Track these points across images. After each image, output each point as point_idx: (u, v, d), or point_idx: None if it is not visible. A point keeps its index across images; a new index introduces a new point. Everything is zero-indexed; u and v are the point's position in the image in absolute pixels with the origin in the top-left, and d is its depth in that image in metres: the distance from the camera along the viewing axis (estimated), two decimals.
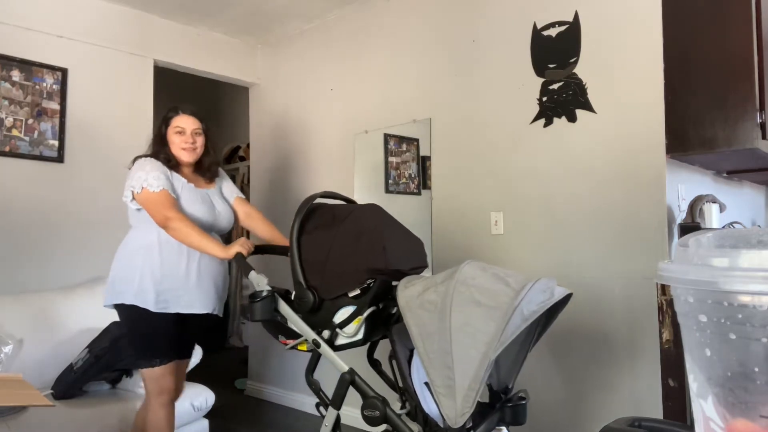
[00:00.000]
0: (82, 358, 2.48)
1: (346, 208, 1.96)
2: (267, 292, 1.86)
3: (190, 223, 2.06)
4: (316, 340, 1.78)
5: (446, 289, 1.51)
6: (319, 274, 1.80)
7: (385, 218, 1.94)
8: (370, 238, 1.79)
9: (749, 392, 0.45)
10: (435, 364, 1.45)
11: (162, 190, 2.08)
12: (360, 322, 1.76)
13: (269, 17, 3.69)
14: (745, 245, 0.48)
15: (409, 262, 1.85)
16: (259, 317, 1.86)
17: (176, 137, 2.22)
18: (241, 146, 5.62)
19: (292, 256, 1.81)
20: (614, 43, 2.38)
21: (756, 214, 3.18)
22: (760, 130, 2.05)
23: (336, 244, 1.80)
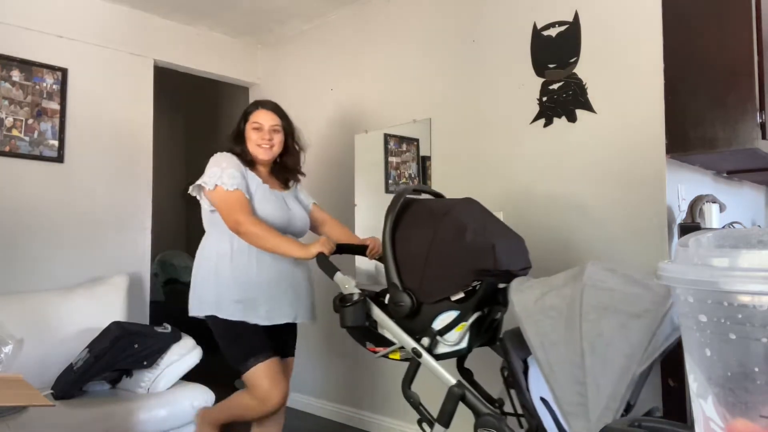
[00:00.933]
0: (82, 358, 2.47)
1: (444, 203, 1.79)
2: (358, 296, 1.71)
3: (264, 226, 1.94)
4: (417, 349, 1.61)
5: (572, 293, 1.34)
6: (417, 275, 1.62)
7: (488, 214, 1.78)
8: (476, 235, 1.60)
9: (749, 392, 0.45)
10: (561, 378, 1.29)
11: (236, 189, 1.98)
12: (464, 329, 1.59)
13: (269, 17, 3.69)
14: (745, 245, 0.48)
15: (519, 262, 1.69)
16: (351, 323, 1.69)
17: (253, 133, 2.13)
18: None
19: (386, 256, 1.65)
20: (614, 43, 2.38)
21: (756, 214, 3.18)
22: (760, 130, 2.05)
23: (436, 242, 1.62)
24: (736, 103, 2.08)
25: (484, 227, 1.66)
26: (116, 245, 3.36)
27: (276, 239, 1.93)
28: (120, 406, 2.40)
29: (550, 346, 1.33)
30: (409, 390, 1.67)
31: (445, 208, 1.71)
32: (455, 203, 1.77)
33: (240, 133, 2.16)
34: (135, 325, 2.71)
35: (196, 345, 2.77)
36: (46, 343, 2.61)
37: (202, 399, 2.63)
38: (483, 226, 1.66)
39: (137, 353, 2.52)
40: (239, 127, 2.18)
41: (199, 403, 2.61)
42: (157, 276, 5.31)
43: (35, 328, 2.61)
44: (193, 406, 2.58)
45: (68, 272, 3.13)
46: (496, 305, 1.67)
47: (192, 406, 2.57)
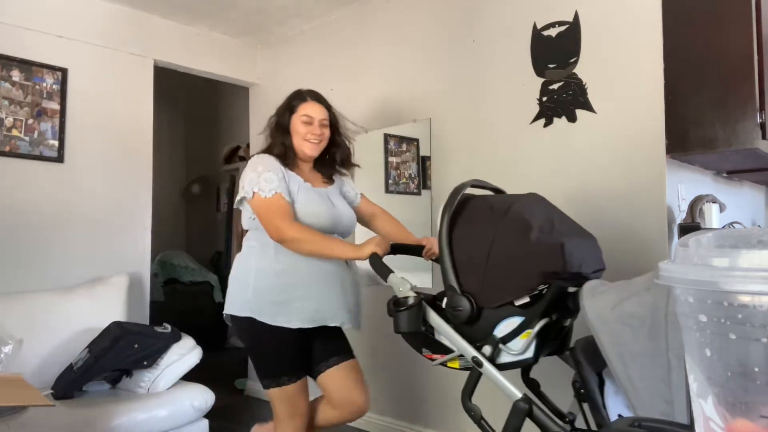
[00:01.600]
0: (82, 358, 2.48)
1: (505, 199, 1.66)
2: (414, 300, 1.58)
3: (308, 230, 1.81)
4: (477, 358, 1.48)
5: (654, 300, 1.20)
6: (477, 277, 1.49)
7: (554, 210, 1.63)
8: (542, 233, 1.48)
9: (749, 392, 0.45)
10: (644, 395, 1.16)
11: (275, 194, 1.83)
12: (529, 337, 1.46)
13: (269, 17, 3.69)
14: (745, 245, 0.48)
15: (591, 264, 1.55)
16: (406, 329, 1.58)
17: (302, 127, 1.96)
18: (241, 146, 5.63)
19: (443, 256, 1.53)
20: (614, 43, 2.38)
21: (756, 214, 3.18)
22: (760, 130, 2.05)
23: (498, 241, 1.49)
24: (736, 103, 2.08)
25: (552, 225, 1.52)
26: (116, 245, 3.36)
27: (323, 242, 1.80)
28: (120, 406, 2.40)
29: (631, 359, 1.20)
30: (470, 402, 1.53)
31: (507, 204, 1.57)
32: (518, 199, 1.62)
33: (285, 126, 1.99)
34: (135, 325, 2.71)
35: (196, 345, 2.77)
36: (46, 343, 2.61)
37: (202, 399, 2.62)
38: (550, 224, 1.52)
39: (137, 353, 2.52)
40: (283, 119, 2.01)
41: (199, 403, 2.61)
42: (157, 276, 5.32)
43: (35, 328, 2.61)
44: (193, 406, 2.58)
45: (68, 272, 3.13)
46: (565, 311, 1.52)
47: (192, 406, 2.57)
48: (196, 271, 5.60)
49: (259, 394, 4.01)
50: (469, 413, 1.53)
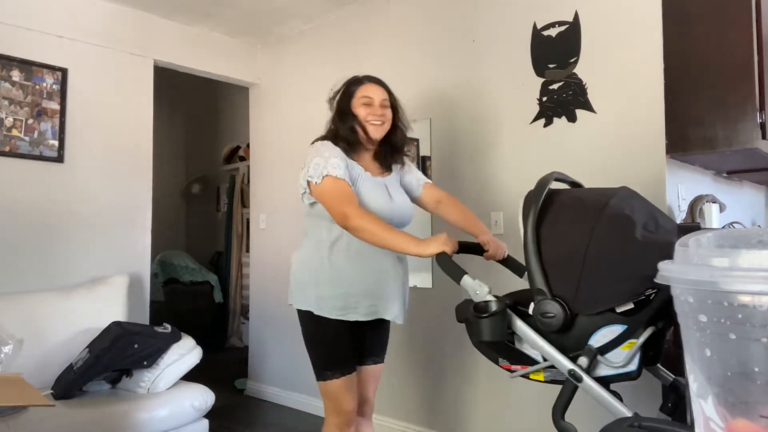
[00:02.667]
0: (82, 358, 2.48)
1: (599, 192, 1.50)
2: (498, 306, 1.43)
3: (374, 219, 1.71)
4: (575, 372, 1.34)
5: None
6: (572, 280, 1.34)
7: (653, 206, 1.47)
8: (648, 232, 1.33)
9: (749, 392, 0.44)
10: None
11: (341, 178, 1.77)
12: (634, 348, 1.32)
13: (269, 17, 3.69)
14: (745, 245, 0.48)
15: None
16: (489, 338, 1.43)
17: (363, 109, 1.89)
18: (241, 146, 5.63)
19: (530, 257, 1.40)
20: (614, 43, 2.38)
21: (756, 214, 3.18)
22: (760, 130, 2.05)
23: (597, 240, 1.34)
24: (736, 103, 2.08)
25: (656, 223, 1.37)
26: (116, 245, 3.36)
27: (388, 233, 1.69)
28: (120, 406, 2.40)
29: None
30: (564, 421, 1.39)
31: (603, 199, 1.42)
32: (613, 193, 1.45)
33: (345, 112, 1.92)
34: (135, 325, 2.71)
35: (196, 345, 2.77)
36: (46, 343, 2.61)
37: (202, 399, 2.62)
38: (654, 222, 1.37)
39: (137, 353, 2.52)
40: (342, 105, 1.95)
41: (199, 403, 2.61)
42: (157, 276, 5.32)
43: (35, 328, 2.61)
44: (193, 406, 2.58)
45: (68, 272, 3.13)
46: (670, 319, 1.37)
47: (192, 406, 2.57)
48: (196, 271, 5.60)
49: (259, 393, 4.01)
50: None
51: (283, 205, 3.93)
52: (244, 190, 5.44)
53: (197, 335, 2.91)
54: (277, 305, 3.89)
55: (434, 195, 2.10)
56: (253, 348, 4.16)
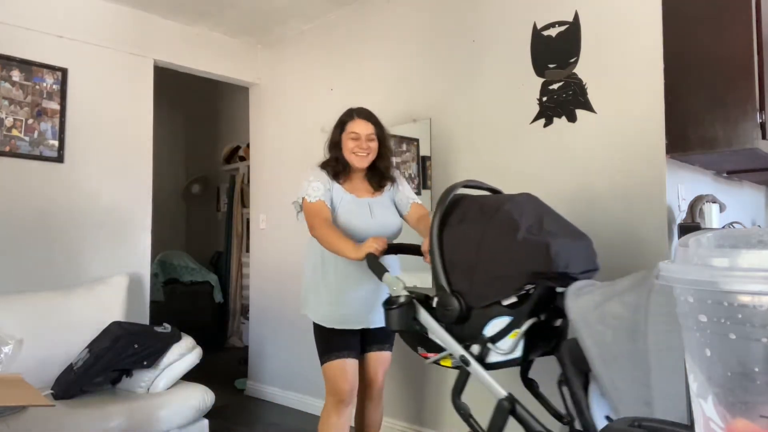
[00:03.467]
0: (82, 358, 2.48)
1: (496, 199, 1.68)
2: (405, 299, 1.64)
3: (330, 229, 2.03)
4: (465, 357, 1.52)
5: (637, 300, 1.19)
6: (467, 277, 1.52)
7: (545, 210, 1.65)
8: (529, 233, 1.49)
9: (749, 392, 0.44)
10: (626, 396, 1.15)
11: (318, 200, 2.12)
12: (517, 336, 1.47)
13: (269, 17, 3.69)
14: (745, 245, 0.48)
15: (579, 265, 1.54)
16: (396, 327, 1.66)
17: (351, 142, 2.20)
18: (241, 146, 5.63)
19: (434, 256, 1.57)
20: (614, 43, 2.38)
21: (756, 214, 3.18)
22: (760, 130, 2.05)
23: (486, 241, 1.51)
24: (736, 103, 2.08)
25: (540, 225, 1.53)
26: (116, 245, 3.36)
27: (335, 240, 1.99)
28: (120, 406, 2.40)
29: (612, 360, 1.18)
30: (459, 400, 1.57)
31: (497, 204, 1.59)
32: (509, 199, 1.64)
33: (337, 142, 2.24)
34: (135, 325, 2.71)
35: (196, 345, 2.77)
36: (46, 343, 2.61)
37: (202, 399, 2.62)
38: (539, 224, 1.53)
39: (137, 353, 2.52)
40: (335, 136, 2.26)
41: (199, 403, 2.61)
42: (157, 276, 5.32)
43: (35, 328, 2.61)
44: (193, 406, 2.58)
45: (68, 272, 3.13)
46: (553, 311, 1.54)
47: (192, 406, 2.57)
48: (196, 271, 5.60)
49: (259, 393, 4.01)
50: (458, 411, 1.56)
51: (283, 205, 3.92)
52: (244, 190, 5.45)
53: (197, 335, 2.91)
54: (277, 305, 3.89)
55: (417, 213, 2.29)
56: (253, 348, 4.16)
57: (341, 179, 2.22)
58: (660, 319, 1.12)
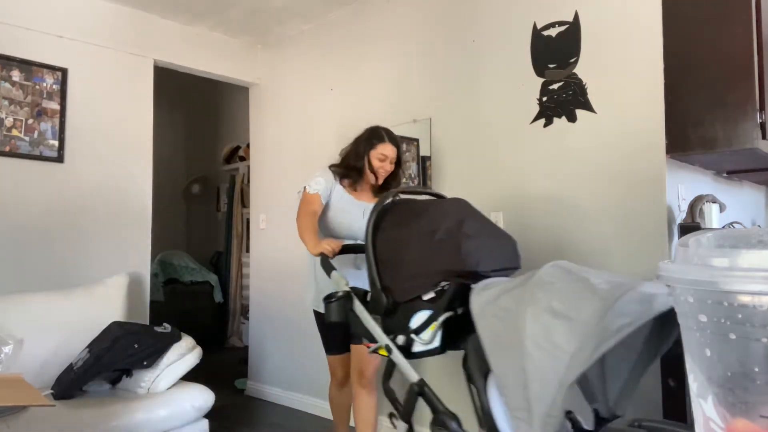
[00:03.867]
0: (82, 358, 2.47)
1: (425, 203, 1.85)
2: (342, 293, 1.83)
3: (306, 221, 2.27)
4: (388, 346, 1.67)
5: (522, 293, 1.30)
6: (393, 274, 1.70)
7: (467, 213, 1.80)
8: (446, 234, 1.65)
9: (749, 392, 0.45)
10: (510, 382, 1.23)
11: (315, 193, 2.36)
12: (435, 328, 1.61)
13: (269, 17, 3.69)
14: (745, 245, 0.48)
15: (490, 264, 1.66)
16: (335, 318, 1.83)
17: (377, 162, 2.39)
18: (241, 146, 5.63)
19: (367, 255, 1.74)
20: (614, 43, 2.38)
21: (756, 214, 3.18)
22: (760, 130, 2.05)
23: (410, 242, 1.69)
24: (736, 103, 2.08)
25: (460, 227, 1.68)
26: (116, 245, 3.36)
27: (305, 231, 2.23)
28: (120, 406, 2.40)
29: (501, 350, 1.28)
30: (388, 384, 1.78)
31: (424, 207, 1.79)
32: (437, 203, 1.86)
33: (360, 156, 2.42)
34: (135, 325, 2.71)
35: (196, 345, 2.77)
36: (46, 343, 2.61)
37: (202, 399, 2.62)
38: (458, 226, 1.68)
39: (137, 353, 2.52)
40: (360, 149, 2.43)
41: (199, 403, 2.61)
42: (157, 276, 5.32)
43: (35, 328, 2.61)
44: (193, 406, 2.58)
45: (68, 272, 3.13)
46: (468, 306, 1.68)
47: (192, 406, 2.57)
48: (196, 271, 5.60)
49: (259, 393, 4.01)
50: (387, 394, 1.77)
51: (283, 205, 3.92)
52: (244, 190, 5.45)
53: (197, 335, 2.91)
54: (277, 305, 3.89)
55: None
56: (253, 348, 4.16)
57: (347, 184, 2.43)
58: (536, 312, 1.22)
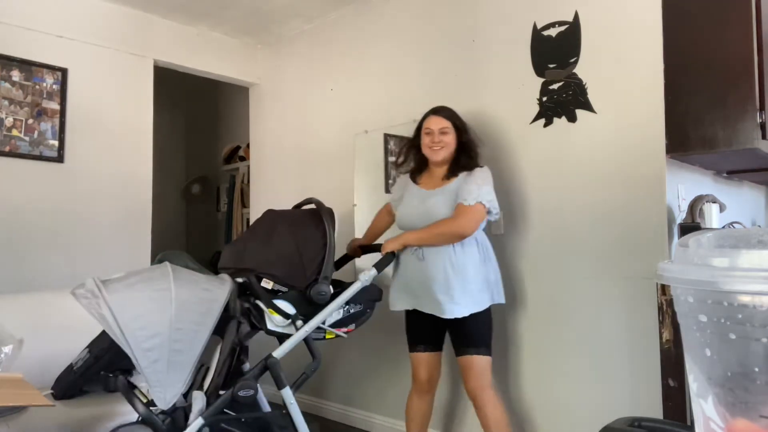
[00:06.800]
0: (82, 358, 2.47)
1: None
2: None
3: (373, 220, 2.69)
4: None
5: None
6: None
7: (259, 225, 2.33)
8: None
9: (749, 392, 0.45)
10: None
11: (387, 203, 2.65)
12: None
13: (269, 17, 3.69)
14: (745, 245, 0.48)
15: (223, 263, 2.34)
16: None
17: (425, 138, 2.36)
18: (241, 146, 5.62)
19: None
20: (614, 43, 2.38)
21: (756, 214, 3.18)
22: (760, 130, 2.05)
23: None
24: (736, 103, 2.08)
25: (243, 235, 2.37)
26: (116, 245, 3.36)
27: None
28: (120, 406, 2.40)
29: None
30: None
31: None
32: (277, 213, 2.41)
33: (417, 144, 2.43)
34: None
35: None
36: (46, 343, 2.61)
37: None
38: (247, 233, 2.37)
39: None
40: (416, 134, 2.44)
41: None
42: None
43: (35, 328, 2.60)
44: None
45: (68, 272, 3.13)
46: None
47: None
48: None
49: None
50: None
51: (283, 205, 3.92)
52: (244, 190, 5.44)
53: None
54: None
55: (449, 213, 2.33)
56: (253, 348, 4.15)
57: (418, 175, 2.45)
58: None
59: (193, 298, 1.99)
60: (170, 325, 1.89)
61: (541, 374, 2.57)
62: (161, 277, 2.00)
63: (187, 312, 1.93)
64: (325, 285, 2.07)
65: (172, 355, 1.88)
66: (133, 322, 1.83)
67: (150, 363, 1.85)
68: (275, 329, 2.16)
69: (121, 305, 1.83)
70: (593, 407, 2.40)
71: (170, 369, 1.86)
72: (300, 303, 2.10)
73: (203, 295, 2.02)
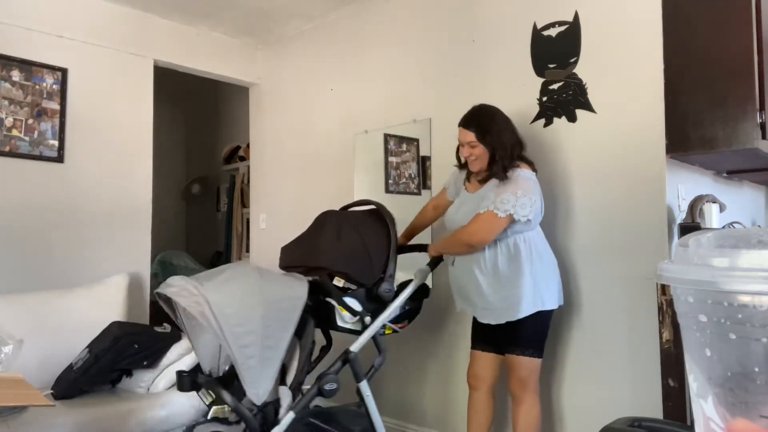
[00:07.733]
0: (82, 358, 2.47)
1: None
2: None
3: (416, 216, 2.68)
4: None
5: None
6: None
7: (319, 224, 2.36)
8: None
9: (749, 392, 0.44)
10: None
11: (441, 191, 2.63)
12: None
13: (269, 17, 3.69)
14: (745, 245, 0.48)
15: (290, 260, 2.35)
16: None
17: (461, 149, 2.34)
18: (241, 146, 5.62)
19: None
20: (614, 43, 2.38)
21: (756, 214, 3.18)
22: (760, 130, 2.05)
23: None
24: (736, 103, 2.08)
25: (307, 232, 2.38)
26: (116, 245, 3.36)
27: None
28: (120, 406, 2.40)
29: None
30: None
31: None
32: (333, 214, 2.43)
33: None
34: (135, 325, 2.71)
35: None
36: (46, 343, 2.61)
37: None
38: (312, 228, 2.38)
39: (137, 353, 2.52)
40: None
41: (200, 403, 2.60)
42: (157, 276, 5.31)
43: (35, 328, 2.61)
44: (193, 406, 2.58)
45: (68, 272, 3.13)
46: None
47: (192, 406, 2.57)
48: (196, 271, 5.58)
49: None
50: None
51: (283, 205, 3.93)
52: (244, 190, 5.44)
53: None
54: None
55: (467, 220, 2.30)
56: None
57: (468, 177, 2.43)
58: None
59: (281, 296, 2.01)
60: (262, 322, 1.90)
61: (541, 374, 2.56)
62: (248, 274, 2.03)
63: (276, 309, 1.96)
64: (390, 283, 2.17)
65: (264, 351, 1.90)
66: (231, 319, 1.85)
67: (245, 359, 1.86)
68: (344, 325, 2.21)
69: (219, 303, 1.84)
70: (593, 407, 2.40)
71: (262, 365, 1.88)
72: (366, 300, 2.19)
73: (289, 293, 2.04)
